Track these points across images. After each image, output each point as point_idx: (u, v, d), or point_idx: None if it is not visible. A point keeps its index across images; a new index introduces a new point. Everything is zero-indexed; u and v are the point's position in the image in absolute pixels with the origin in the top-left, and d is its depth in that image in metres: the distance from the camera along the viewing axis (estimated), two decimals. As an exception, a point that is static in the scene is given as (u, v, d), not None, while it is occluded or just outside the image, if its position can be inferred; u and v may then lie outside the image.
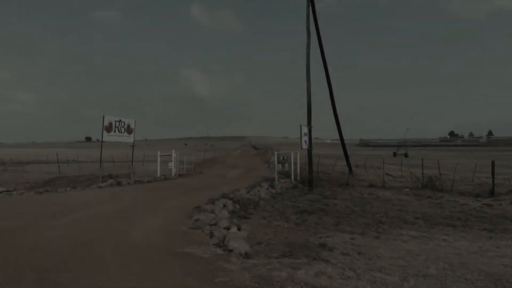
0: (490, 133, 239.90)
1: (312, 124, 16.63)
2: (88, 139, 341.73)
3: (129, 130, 20.60)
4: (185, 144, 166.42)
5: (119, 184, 17.20)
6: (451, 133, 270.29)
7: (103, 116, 18.80)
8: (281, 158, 19.48)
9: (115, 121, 19.56)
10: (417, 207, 12.98)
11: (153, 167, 28.82)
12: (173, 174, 22.17)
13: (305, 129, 16.30)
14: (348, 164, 21.44)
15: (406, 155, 65.17)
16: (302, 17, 17.59)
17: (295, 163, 19.27)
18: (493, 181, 15.50)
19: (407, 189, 17.01)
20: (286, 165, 19.80)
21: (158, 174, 21.48)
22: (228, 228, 7.59)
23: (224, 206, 11.22)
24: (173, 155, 22.43)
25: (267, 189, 15.64)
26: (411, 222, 10.63)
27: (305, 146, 16.48)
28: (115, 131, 19.51)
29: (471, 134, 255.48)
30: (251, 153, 77.27)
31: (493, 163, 15.74)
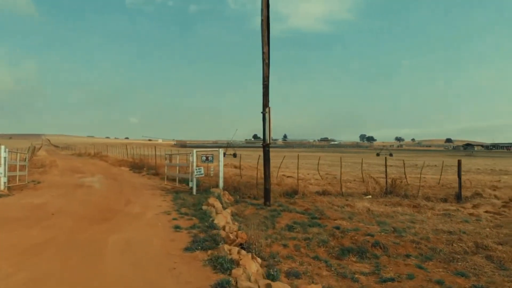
0: (285, 136, 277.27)
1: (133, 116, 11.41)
2: None
3: None
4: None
5: None
6: (255, 136, 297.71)
7: None
8: (204, 158, 13.43)
9: None
10: (445, 225, 9.61)
11: None
12: (1, 186, 12.80)
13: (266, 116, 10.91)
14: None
15: (234, 155, 65.25)
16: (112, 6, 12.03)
17: (217, 166, 13.42)
18: (459, 184, 13.69)
19: (369, 196, 13.72)
20: (212, 169, 13.82)
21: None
22: None
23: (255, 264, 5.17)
24: (2, 154, 12.97)
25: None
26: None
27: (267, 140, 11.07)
28: None
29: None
30: (62, 154, 63.57)
31: (459, 163, 14.00)
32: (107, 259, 5.38)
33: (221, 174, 13.20)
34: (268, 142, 10.69)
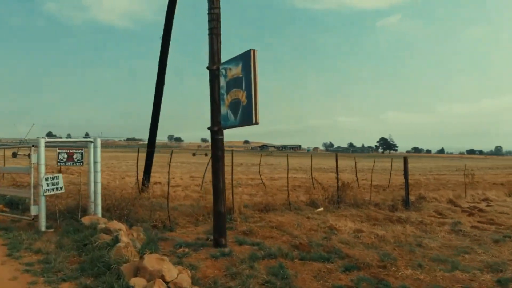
0: (87, 134, 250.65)
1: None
2: None
3: None
4: None
5: None
6: (49, 134, 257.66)
7: None
8: (64, 157, 6.81)
9: None
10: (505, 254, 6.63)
11: None
12: None
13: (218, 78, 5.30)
14: (148, 175, 10.77)
15: (29, 156, 52.12)
16: None
17: (96, 172, 6.96)
18: (406, 187, 11.13)
19: (321, 209, 9.73)
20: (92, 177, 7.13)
21: None
22: None
23: None
24: None
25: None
26: None
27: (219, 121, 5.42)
28: None
29: (68, 135, 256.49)
30: None
31: (405, 160, 11.48)
32: None
33: (98, 187, 6.83)
34: (254, 121, 4.98)
